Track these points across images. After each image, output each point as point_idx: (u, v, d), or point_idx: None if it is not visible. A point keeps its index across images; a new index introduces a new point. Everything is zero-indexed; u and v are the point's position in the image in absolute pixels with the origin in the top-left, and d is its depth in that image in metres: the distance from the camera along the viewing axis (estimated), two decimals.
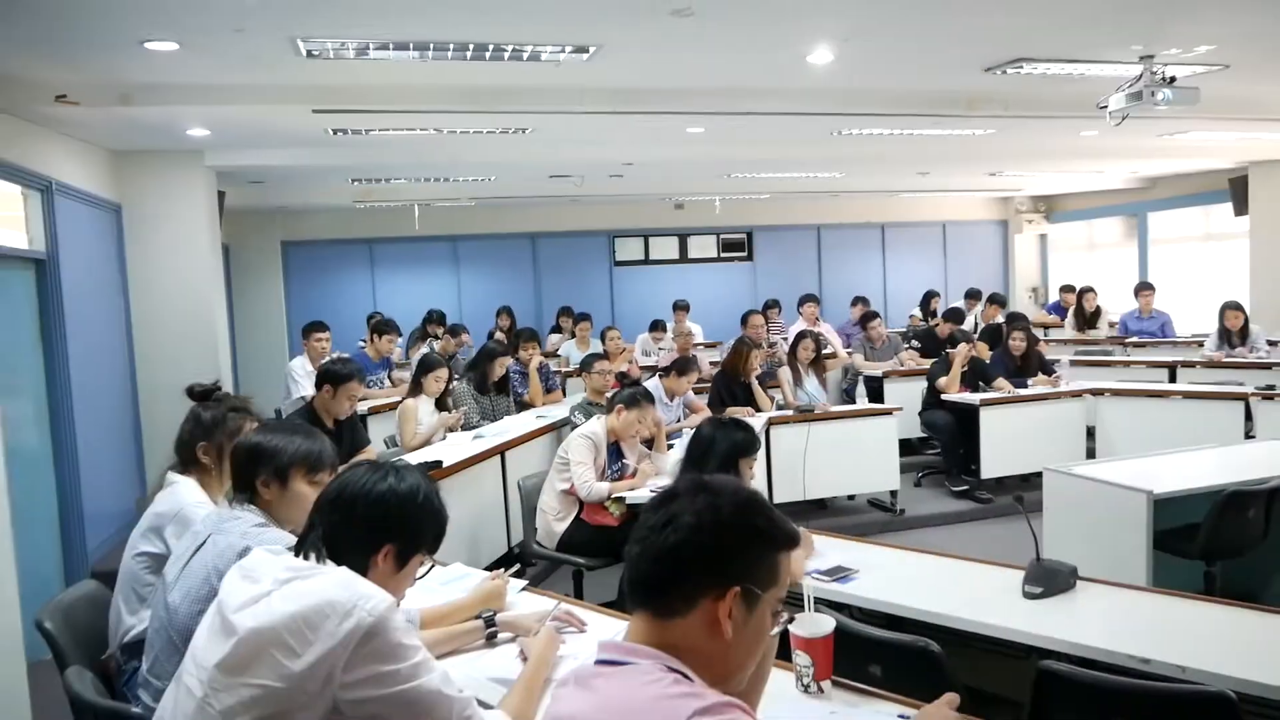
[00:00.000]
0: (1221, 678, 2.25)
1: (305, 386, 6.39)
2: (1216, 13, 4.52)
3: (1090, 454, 6.96)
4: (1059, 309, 11.45)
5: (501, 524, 5.41)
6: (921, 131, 7.53)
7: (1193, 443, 5.22)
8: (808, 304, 9.68)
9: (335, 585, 1.65)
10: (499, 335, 9.04)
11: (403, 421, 5.65)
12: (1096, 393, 7.16)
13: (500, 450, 5.46)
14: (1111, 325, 10.30)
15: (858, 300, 10.44)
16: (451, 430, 5.77)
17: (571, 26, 4.48)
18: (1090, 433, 7.18)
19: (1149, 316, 9.68)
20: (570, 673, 1.39)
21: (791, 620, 1.39)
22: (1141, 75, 5.27)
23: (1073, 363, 8.17)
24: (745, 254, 13.99)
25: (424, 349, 8.05)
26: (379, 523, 1.82)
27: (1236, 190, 10.76)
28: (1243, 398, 6.52)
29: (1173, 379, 7.93)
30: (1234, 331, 8.01)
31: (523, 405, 7.00)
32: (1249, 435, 6.31)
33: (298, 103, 5.53)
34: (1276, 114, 7.31)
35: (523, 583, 2.84)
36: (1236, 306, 8.11)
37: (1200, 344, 8.47)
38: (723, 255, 13.93)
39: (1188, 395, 6.95)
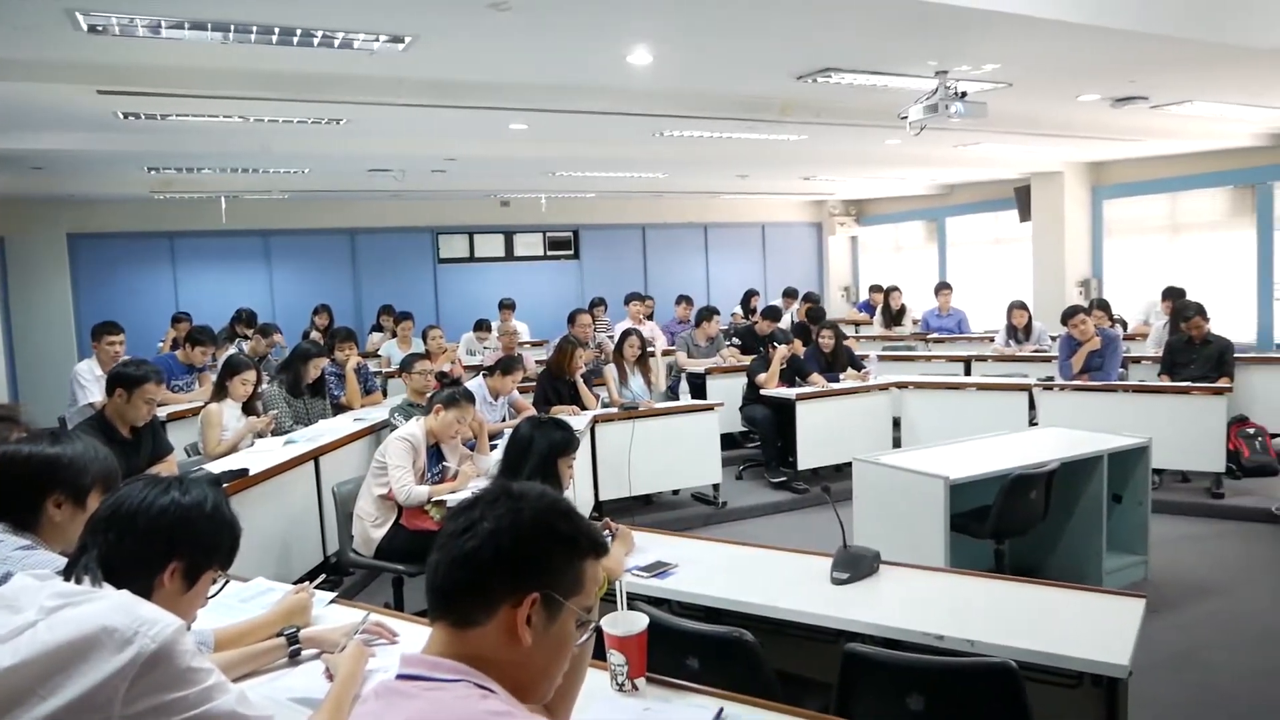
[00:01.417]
0: (1006, 649, 2.41)
1: (94, 392, 5.89)
2: (999, 35, 4.88)
3: (896, 443, 7.38)
4: (868, 307, 12.11)
5: (315, 533, 5.16)
6: (738, 135, 7.76)
7: (985, 430, 5.62)
8: (634, 302, 9.80)
9: (112, 610, 1.51)
10: (314, 335, 8.64)
11: (205, 427, 5.30)
12: (901, 386, 7.61)
13: (314, 455, 5.22)
14: (915, 322, 11.00)
15: (681, 299, 10.66)
16: (260, 436, 5.46)
17: (385, 15, 4.32)
18: (896, 423, 7.61)
19: (947, 314, 10.41)
20: (371, 689, 1.32)
21: (599, 627, 1.37)
22: (937, 89, 5.63)
23: (880, 358, 8.65)
24: (572, 252, 14.02)
25: (231, 350, 7.58)
26: (162, 539, 1.67)
27: (1020, 198, 11.72)
28: (1026, 388, 7.10)
29: (968, 372, 8.53)
30: (1020, 328, 8.71)
31: (339, 408, 6.72)
32: (1033, 422, 6.87)
33: (79, 82, 5.07)
34: (1053, 130, 7.99)
35: (330, 595, 2.71)
36: (1022, 305, 8.83)
37: (991, 339, 9.17)
38: (549, 254, 13.91)
39: (980, 387, 7.51)
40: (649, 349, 7.65)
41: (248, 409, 5.55)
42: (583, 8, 4.27)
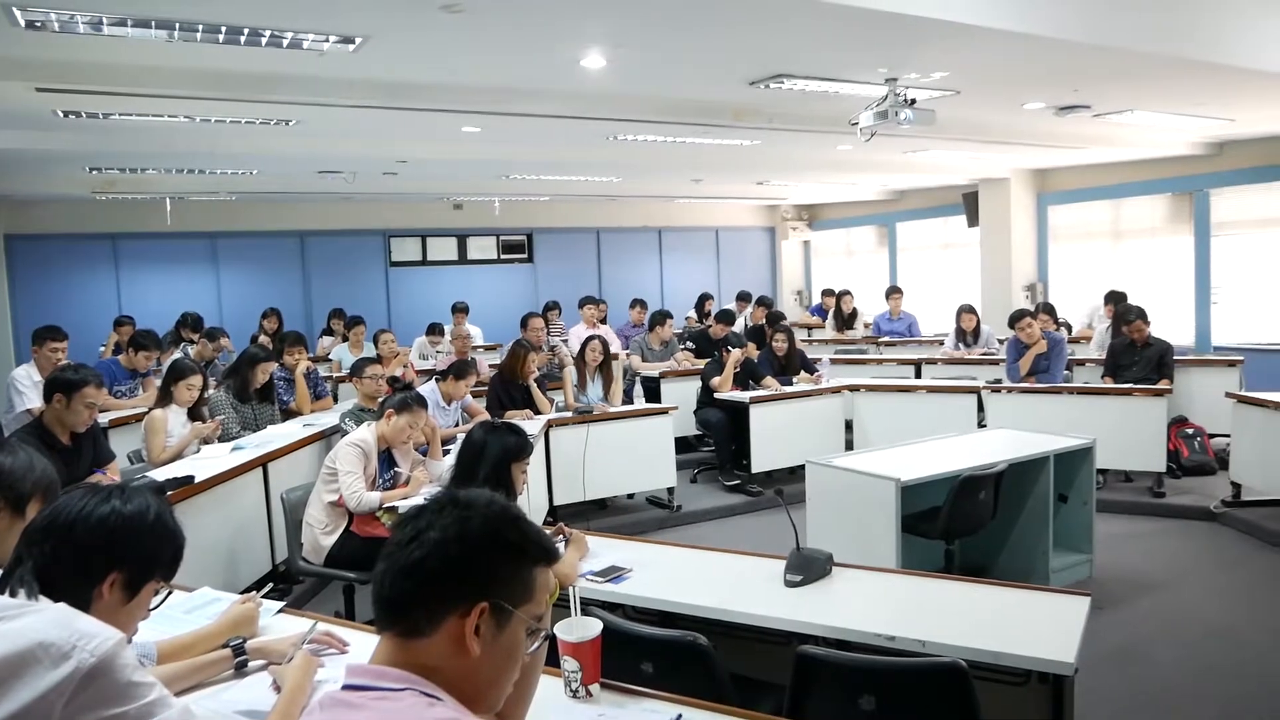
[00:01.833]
0: (955, 648, 2.44)
1: (32, 398, 5.72)
2: (947, 44, 4.95)
3: (849, 446, 7.45)
4: (820, 311, 12.23)
5: (264, 541, 5.07)
6: (692, 140, 7.79)
7: (935, 432, 5.69)
8: (588, 306, 9.78)
9: (49, 624, 1.46)
10: (263, 339, 8.49)
11: (149, 434, 5.17)
12: (853, 389, 7.69)
13: (262, 462, 5.13)
14: (866, 326, 11.13)
15: (636, 302, 10.67)
16: (207, 442, 5.34)
17: (335, 15, 4.27)
18: (849, 426, 7.69)
19: (898, 318, 10.56)
20: (316, 700, 1.30)
21: (548, 636, 1.36)
22: (887, 96, 5.71)
23: (833, 361, 8.72)
24: (525, 256, 13.97)
25: (176, 355, 7.42)
26: (102, 549, 1.63)
27: (969, 204, 11.93)
28: (975, 391, 7.21)
29: (918, 375, 8.66)
30: (968, 331, 8.86)
31: (289, 413, 6.61)
32: (981, 424, 6.98)
33: (16, 79, 4.93)
34: (999, 137, 8.15)
35: (279, 604, 2.66)
36: (970, 309, 8.98)
37: (940, 342, 9.31)
38: (503, 257, 13.85)
39: (930, 390, 7.62)
40: (613, 354, 7.65)
41: (193, 415, 5.43)
42: (535, 11, 4.25)
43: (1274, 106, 7.10)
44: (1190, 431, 7.16)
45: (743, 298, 11.52)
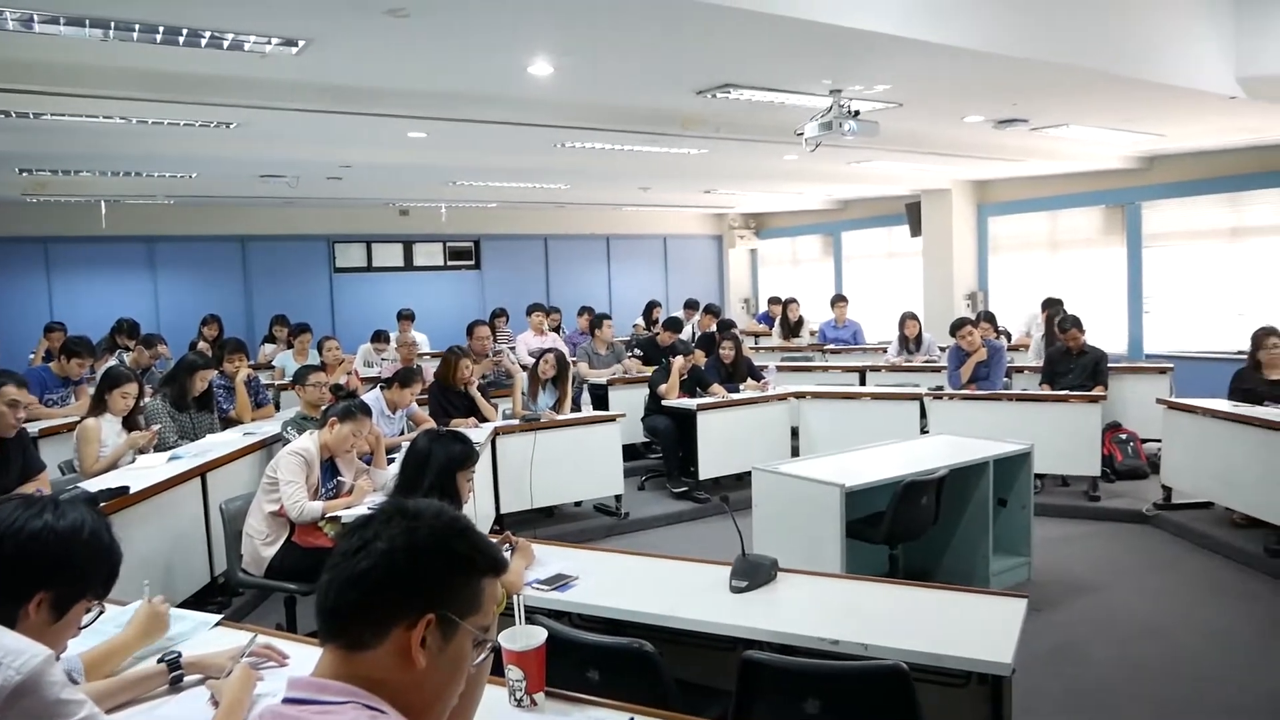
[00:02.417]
0: (898, 651, 2.48)
1: None
2: (889, 57, 5.04)
3: (795, 452, 7.52)
4: (767, 319, 12.34)
5: (202, 553, 4.96)
6: (640, 148, 7.82)
7: (879, 438, 5.76)
8: (536, 313, 9.75)
9: None
10: (202, 346, 8.32)
11: (81, 444, 5.03)
12: (799, 396, 7.76)
13: (201, 471, 5.01)
14: (812, 333, 11.26)
15: (584, 310, 10.67)
16: (143, 452, 5.21)
17: (278, 17, 4.20)
18: (795, 432, 7.76)
19: (843, 325, 10.71)
20: (256, 715, 1.28)
21: (494, 648, 1.34)
22: (831, 107, 5.79)
23: (779, 368, 8.81)
24: (473, 262, 13.89)
25: (111, 362, 7.22)
26: (32, 568, 1.58)
27: (911, 214, 12.15)
28: (918, 398, 7.34)
29: (863, 382, 8.76)
30: (911, 338, 9.01)
31: (229, 422, 6.48)
32: (924, 430, 7.11)
33: None
34: (942, 149, 8.31)
35: (216, 617, 2.60)
36: (913, 316, 9.14)
37: (884, 350, 9.45)
38: (449, 263, 13.75)
39: (875, 397, 7.73)
40: (572, 363, 7.65)
41: (129, 424, 5.30)
42: (482, 17, 4.24)
43: (1201, 123, 7.35)
44: (1124, 437, 7.37)
45: (690, 305, 11.58)
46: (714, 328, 9.71)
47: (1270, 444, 5.43)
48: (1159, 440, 6.75)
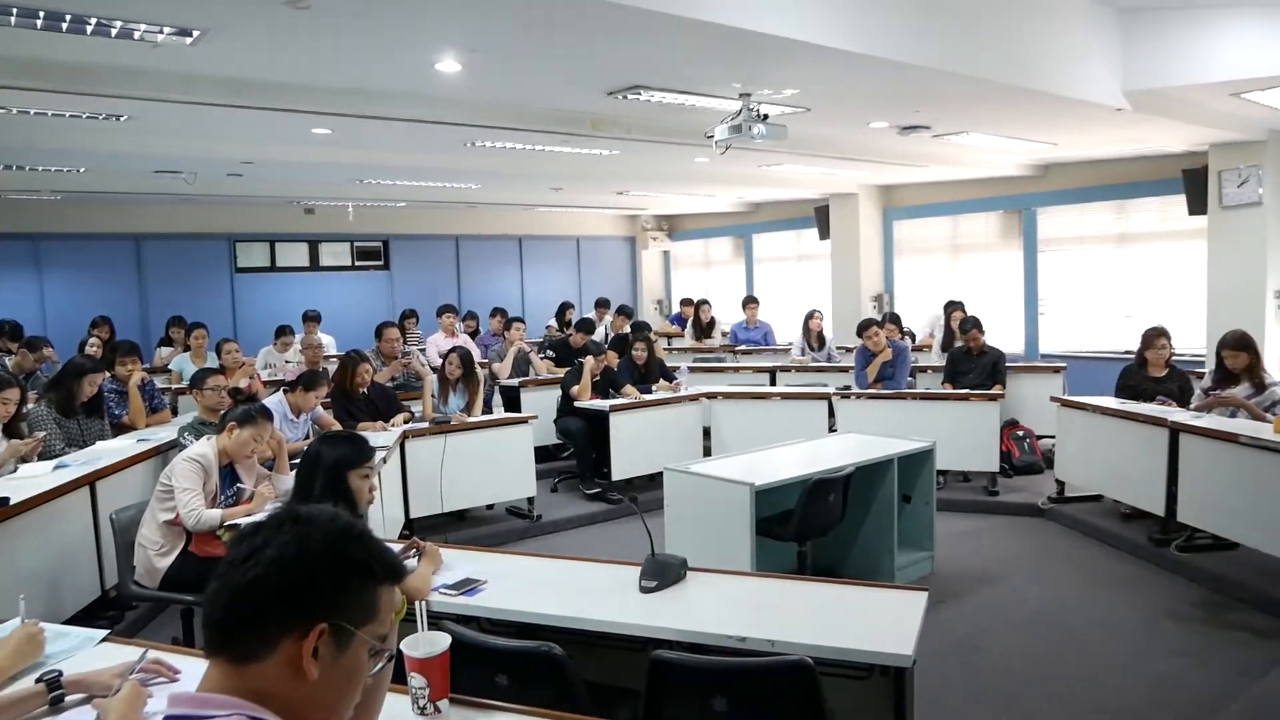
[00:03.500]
0: (804, 646, 2.51)
1: None
2: (797, 62, 5.11)
3: (707, 452, 7.59)
4: (680, 320, 12.42)
5: (91, 565, 4.72)
6: (551, 148, 7.77)
7: (789, 438, 5.86)
8: (446, 314, 9.61)
9: None
10: (91, 349, 7.95)
11: None
12: (711, 396, 7.83)
13: (90, 480, 4.78)
14: (724, 335, 11.37)
15: (496, 311, 10.56)
16: (25, 460, 4.94)
17: (170, 4, 4.02)
18: (706, 433, 7.82)
19: (754, 327, 10.86)
20: None
21: (392, 656, 1.30)
22: (741, 110, 5.85)
23: (691, 369, 8.86)
24: (382, 263, 13.61)
25: None
26: None
27: (820, 217, 12.39)
28: (826, 397, 7.48)
29: (773, 382, 8.89)
30: (814, 334, 9.24)
31: (121, 428, 6.20)
32: (832, 429, 7.25)
33: None
34: (848, 154, 8.49)
35: (103, 632, 2.47)
36: (816, 314, 9.36)
37: (788, 350, 9.60)
38: (357, 264, 13.46)
39: (784, 396, 7.85)
40: (481, 363, 7.55)
41: (10, 431, 5.02)
42: (386, 10, 4.14)
43: (1091, 133, 7.67)
44: (1021, 434, 7.64)
45: (601, 304, 11.59)
46: (627, 329, 9.73)
47: (1153, 439, 5.69)
48: (1054, 436, 7.01)
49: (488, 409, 7.61)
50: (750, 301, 11.09)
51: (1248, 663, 4.17)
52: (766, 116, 5.88)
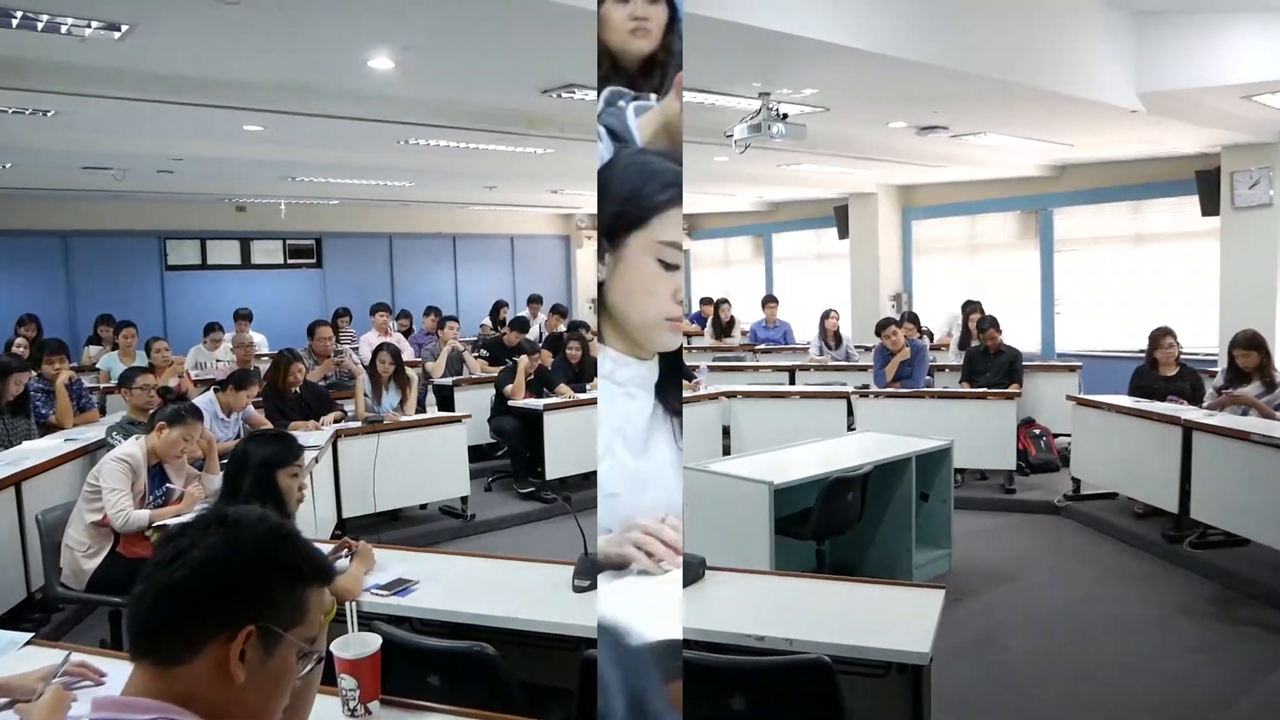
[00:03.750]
0: (822, 645, 2.50)
1: None
2: (816, 61, 5.11)
3: (726, 451, 7.57)
4: (699, 319, 12.41)
5: (17, 567, 4.61)
6: (485, 146, 7.71)
7: (808, 436, 5.85)
8: (380, 313, 9.52)
9: None
10: (18, 348, 7.69)
11: None
12: (731, 395, 7.85)
13: (14, 481, 4.71)
14: (744, 334, 11.44)
15: (430, 310, 10.50)
16: None
17: None
18: (726, 431, 7.84)
19: (774, 326, 10.93)
20: None
21: (321, 658, 1.31)
22: (760, 110, 5.88)
23: (711, 368, 8.83)
24: (314, 261, 13.46)
25: None
26: None
27: (839, 217, 12.50)
28: (845, 396, 7.51)
29: (793, 381, 8.91)
30: (831, 333, 9.32)
31: (48, 428, 6.06)
32: (850, 428, 7.24)
33: None
34: (867, 153, 8.53)
35: (26, 635, 2.42)
36: (832, 313, 9.41)
37: (805, 349, 9.75)
38: (290, 262, 13.33)
39: (804, 395, 7.87)
40: (415, 362, 7.48)
41: None
42: (316, 5, 4.09)
43: (1106, 134, 7.76)
44: (1037, 432, 7.67)
45: (533, 300, 11.59)
46: (561, 327, 9.73)
47: (1167, 438, 5.74)
48: (1069, 435, 7.05)
49: (421, 408, 7.58)
50: (770, 301, 11.14)
51: (1260, 658, 4.25)
52: (786, 116, 5.93)
